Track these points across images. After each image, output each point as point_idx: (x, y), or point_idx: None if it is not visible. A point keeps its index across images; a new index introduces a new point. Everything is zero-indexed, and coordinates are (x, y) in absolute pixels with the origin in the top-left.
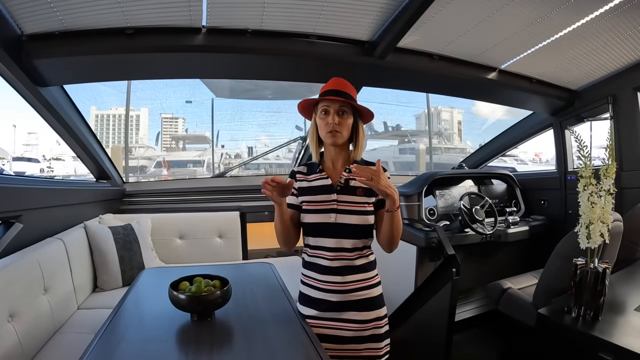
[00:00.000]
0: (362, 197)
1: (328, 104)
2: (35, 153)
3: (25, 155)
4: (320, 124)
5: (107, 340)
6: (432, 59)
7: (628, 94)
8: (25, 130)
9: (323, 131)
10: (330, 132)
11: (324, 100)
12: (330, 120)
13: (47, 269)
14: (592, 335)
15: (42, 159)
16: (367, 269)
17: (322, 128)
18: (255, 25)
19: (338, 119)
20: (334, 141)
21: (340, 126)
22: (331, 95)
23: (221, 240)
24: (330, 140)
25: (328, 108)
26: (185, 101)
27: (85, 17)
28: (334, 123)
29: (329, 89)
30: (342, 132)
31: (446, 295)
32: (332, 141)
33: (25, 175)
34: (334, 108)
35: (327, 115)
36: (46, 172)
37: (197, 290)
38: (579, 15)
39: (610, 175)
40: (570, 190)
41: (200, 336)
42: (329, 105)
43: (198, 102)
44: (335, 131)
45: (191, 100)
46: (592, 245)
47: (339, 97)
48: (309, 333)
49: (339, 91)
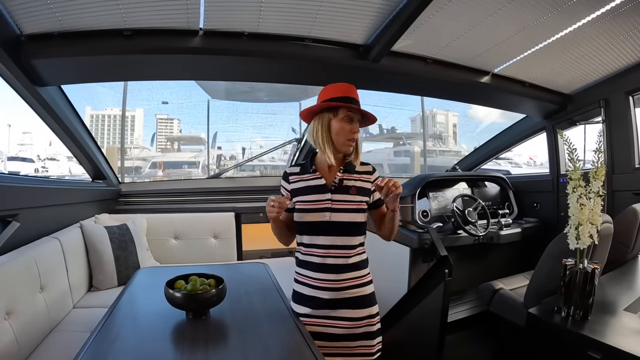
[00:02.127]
0: (356, 195)
1: (353, 111)
2: (30, 153)
3: (20, 155)
4: (344, 128)
5: (102, 338)
6: (426, 63)
7: (620, 97)
8: (19, 130)
9: (343, 137)
10: (350, 140)
11: (348, 107)
12: (355, 129)
13: (43, 267)
14: (581, 334)
15: (37, 159)
16: (360, 267)
17: (344, 134)
18: (251, 28)
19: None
20: (349, 150)
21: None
22: (353, 103)
23: (216, 241)
24: (347, 148)
25: (353, 116)
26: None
27: (83, 18)
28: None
29: (349, 96)
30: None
31: (439, 296)
32: (348, 150)
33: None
34: (356, 117)
35: (351, 123)
36: (41, 172)
37: (193, 289)
38: (571, 20)
39: (599, 177)
40: (562, 193)
41: (196, 334)
42: (354, 113)
43: (194, 103)
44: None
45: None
46: (581, 246)
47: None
48: (302, 331)
49: (357, 101)
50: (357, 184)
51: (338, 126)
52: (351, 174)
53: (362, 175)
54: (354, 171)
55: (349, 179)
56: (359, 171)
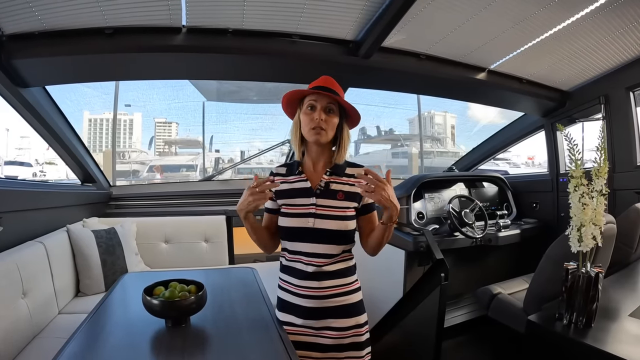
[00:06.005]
0: (343, 201)
1: (315, 98)
2: (27, 157)
3: (18, 159)
4: (305, 119)
5: (79, 343)
6: (419, 59)
7: (620, 93)
8: (17, 134)
9: (306, 127)
10: (314, 129)
11: (311, 95)
12: (317, 116)
13: (26, 272)
14: (585, 343)
15: (35, 163)
16: (346, 274)
17: (306, 124)
18: (235, 25)
19: (324, 116)
20: (317, 139)
21: (325, 124)
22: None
23: (207, 245)
24: (313, 138)
25: (315, 103)
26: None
27: (63, 17)
28: (320, 119)
29: (317, 85)
30: (327, 131)
31: (435, 301)
32: (316, 139)
33: (4, 177)
34: (321, 104)
35: (313, 111)
36: (39, 177)
37: (171, 296)
38: (568, 13)
39: (602, 175)
40: (562, 192)
41: (173, 342)
42: (317, 101)
43: (187, 105)
44: (320, 128)
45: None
46: (584, 249)
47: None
48: (285, 340)
49: (328, 88)
50: (345, 188)
51: (303, 117)
52: (340, 176)
53: (351, 179)
54: (343, 174)
55: (337, 182)
56: (348, 174)
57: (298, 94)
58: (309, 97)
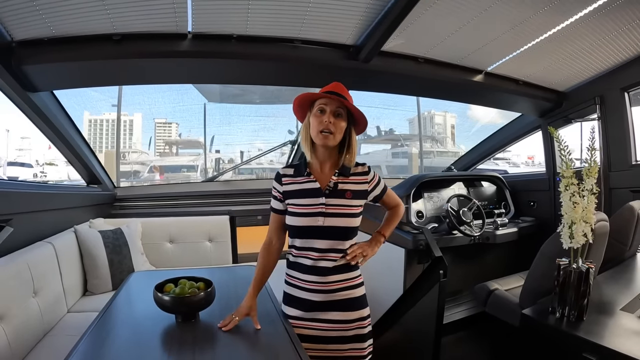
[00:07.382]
0: (352, 199)
1: (326, 102)
2: (28, 158)
3: (19, 160)
4: (314, 122)
5: (91, 342)
6: (418, 62)
7: (615, 94)
8: (18, 135)
9: (315, 130)
10: (323, 132)
11: (322, 98)
12: (326, 119)
13: (37, 272)
14: (576, 335)
15: (35, 163)
16: (351, 269)
17: (315, 127)
18: (239, 31)
19: (333, 119)
20: (325, 142)
21: (334, 127)
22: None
23: (211, 244)
24: (322, 141)
25: (325, 107)
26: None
27: (72, 23)
28: (329, 122)
29: (328, 89)
30: (335, 134)
31: (434, 298)
32: (324, 142)
33: (16, 179)
34: (330, 108)
35: (322, 114)
36: (39, 177)
37: (181, 292)
38: (563, 17)
39: (593, 175)
40: (559, 191)
41: (184, 337)
42: (327, 104)
43: (190, 107)
44: (329, 131)
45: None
46: (575, 245)
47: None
48: (290, 333)
49: (338, 93)
50: (353, 187)
51: (312, 120)
52: (346, 177)
53: (357, 177)
54: (350, 174)
55: (345, 182)
56: (354, 173)
57: (309, 97)
58: (319, 101)
